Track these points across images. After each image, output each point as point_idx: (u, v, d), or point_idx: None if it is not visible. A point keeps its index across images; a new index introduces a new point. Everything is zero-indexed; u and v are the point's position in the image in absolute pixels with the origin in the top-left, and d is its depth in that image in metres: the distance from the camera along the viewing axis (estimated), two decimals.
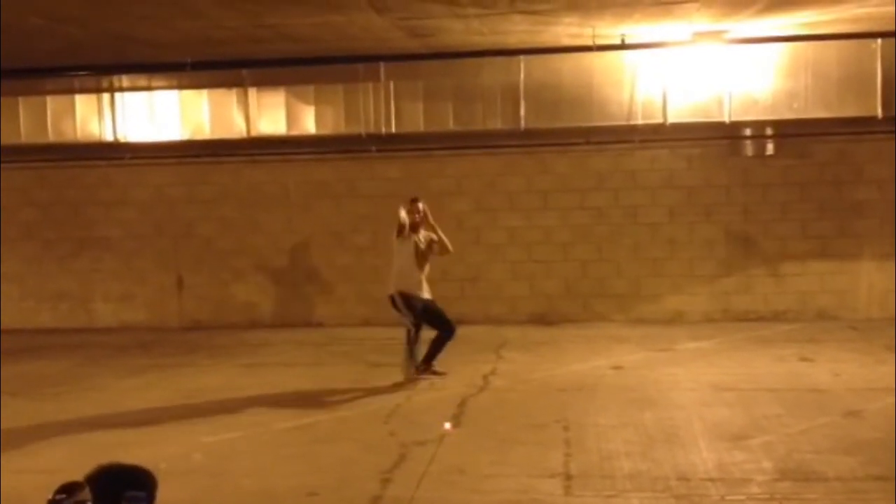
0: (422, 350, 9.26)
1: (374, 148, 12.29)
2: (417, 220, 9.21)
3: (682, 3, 8.84)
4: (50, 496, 2.79)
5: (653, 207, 12.38)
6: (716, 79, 11.31)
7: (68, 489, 2.81)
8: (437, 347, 9.24)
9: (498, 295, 12.60)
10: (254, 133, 12.24)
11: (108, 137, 12.47)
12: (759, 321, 12.11)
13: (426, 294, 9.22)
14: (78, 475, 2.89)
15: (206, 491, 6.17)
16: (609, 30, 10.14)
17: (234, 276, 13.09)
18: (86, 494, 2.80)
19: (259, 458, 6.88)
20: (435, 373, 9.23)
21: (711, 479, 6.08)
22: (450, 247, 9.42)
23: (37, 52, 10.40)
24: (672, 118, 11.52)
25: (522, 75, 11.64)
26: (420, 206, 9.27)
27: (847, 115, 11.35)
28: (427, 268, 9.30)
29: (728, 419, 7.55)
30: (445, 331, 9.22)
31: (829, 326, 11.67)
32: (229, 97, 12.23)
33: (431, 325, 9.27)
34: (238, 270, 13.08)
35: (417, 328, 9.22)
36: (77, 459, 6.27)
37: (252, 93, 12.14)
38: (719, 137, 11.98)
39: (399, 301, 9.16)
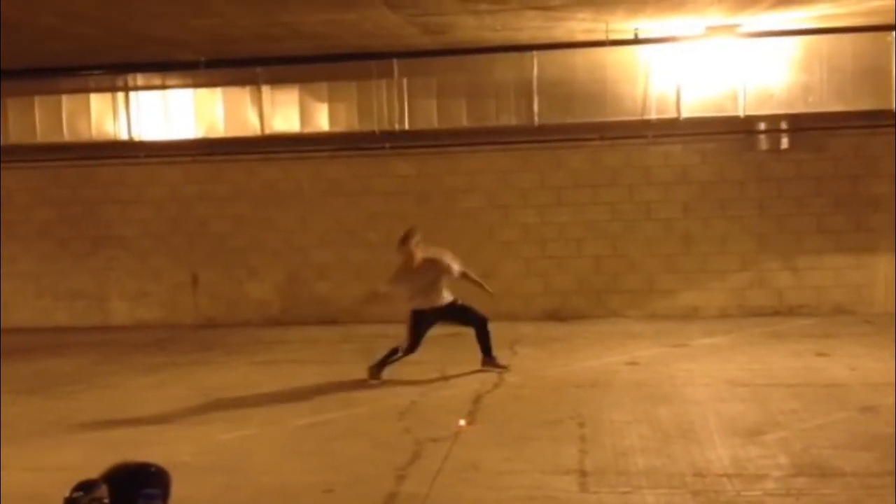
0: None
1: (387, 145, 12.29)
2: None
3: None
4: (67, 494, 2.81)
5: (667, 203, 12.35)
6: (730, 73, 11.25)
7: (85, 487, 2.83)
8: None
9: (511, 291, 12.58)
10: (267, 131, 12.24)
11: (123, 136, 12.49)
12: (775, 316, 12.07)
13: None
14: (95, 473, 2.91)
15: (222, 488, 6.19)
16: (622, 25, 10.11)
17: (248, 273, 13.13)
18: (102, 492, 2.82)
19: (275, 455, 6.90)
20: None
21: (727, 475, 6.06)
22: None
23: (51, 52, 10.45)
24: (686, 113, 11.47)
25: (536, 71, 11.61)
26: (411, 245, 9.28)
27: (862, 108, 11.27)
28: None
29: (743, 415, 7.52)
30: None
31: (845, 321, 11.62)
32: (243, 95, 12.24)
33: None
34: (252, 268, 13.12)
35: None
36: (94, 457, 6.28)
37: (266, 91, 12.14)
38: (733, 132, 11.93)
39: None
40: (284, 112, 12.20)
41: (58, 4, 8.22)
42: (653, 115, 11.54)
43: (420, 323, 9.25)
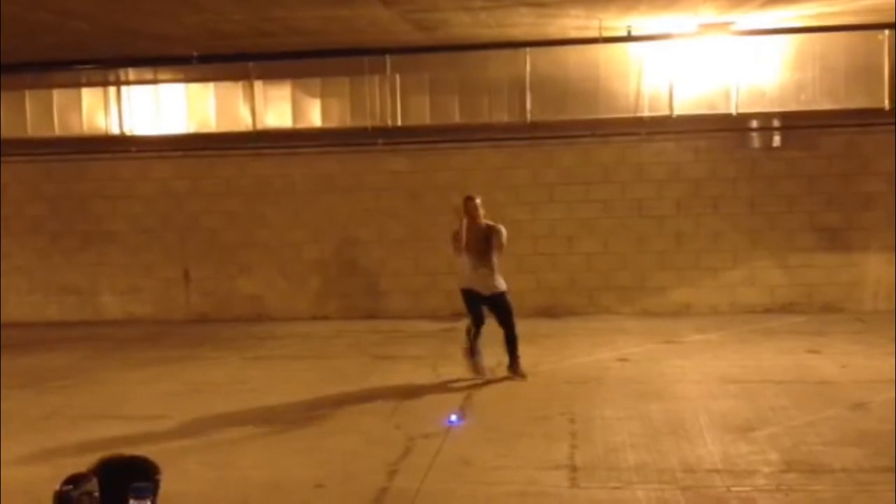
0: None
1: (380, 141, 12.28)
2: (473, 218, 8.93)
3: None
4: (57, 487, 2.80)
5: (659, 200, 12.37)
6: (722, 71, 11.29)
7: (75, 480, 2.81)
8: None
9: None
10: (260, 126, 12.24)
11: (115, 131, 12.48)
12: (766, 313, 12.10)
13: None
14: (85, 467, 2.90)
15: (213, 483, 6.19)
16: (615, 22, 10.12)
17: (240, 269, 13.11)
18: (92, 486, 2.81)
19: (266, 451, 6.90)
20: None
21: (717, 471, 6.08)
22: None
23: (43, 46, 10.42)
24: (678, 110, 11.50)
25: (528, 68, 11.63)
26: (476, 202, 8.95)
27: (854, 106, 11.31)
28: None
29: (734, 411, 7.54)
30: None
31: (836, 319, 11.65)
32: (235, 90, 12.23)
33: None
34: (244, 263, 13.10)
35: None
36: (84, 451, 6.29)
37: (258, 86, 12.14)
38: (726, 129, 11.95)
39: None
40: (277, 107, 12.20)
41: (55, 1, 8.19)
42: (645, 113, 11.57)
43: (470, 300, 8.95)
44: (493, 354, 9.96)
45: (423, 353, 10.02)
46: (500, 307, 9.00)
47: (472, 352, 8.97)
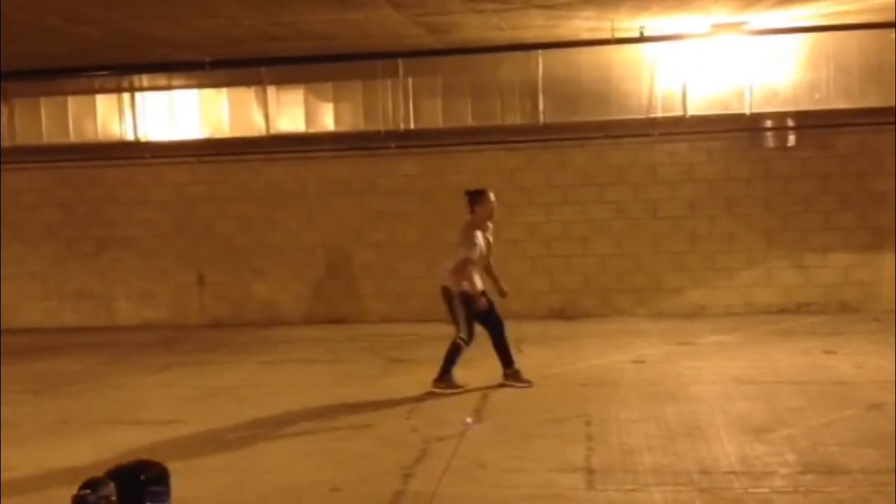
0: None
1: (392, 144, 12.30)
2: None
3: None
4: (74, 492, 2.82)
5: (673, 201, 12.34)
6: (735, 71, 11.25)
7: (92, 485, 2.84)
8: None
9: (517, 290, 12.47)
10: (273, 131, 12.27)
11: (129, 137, 12.54)
12: (782, 314, 12.05)
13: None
14: (102, 471, 2.91)
15: (229, 487, 6.20)
16: (627, 23, 10.11)
17: (254, 273, 13.14)
18: (109, 490, 2.83)
19: (281, 454, 6.90)
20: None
21: (734, 473, 6.05)
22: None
23: (56, 53, 10.48)
24: (692, 111, 11.47)
25: (541, 70, 11.62)
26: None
27: (869, 105, 11.26)
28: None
29: (750, 412, 7.51)
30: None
31: (852, 319, 11.60)
32: (248, 95, 12.27)
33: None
34: (258, 268, 13.13)
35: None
36: (101, 456, 6.32)
37: (271, 91, 12.17)
38: (740, 130, 11.92)
39: None
40: (290, 112, 12.22)
41: (62, 6, 8.23)
42: (658, 114, 11.55)
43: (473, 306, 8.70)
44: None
45: (438, 356, 9.95)
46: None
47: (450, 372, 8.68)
